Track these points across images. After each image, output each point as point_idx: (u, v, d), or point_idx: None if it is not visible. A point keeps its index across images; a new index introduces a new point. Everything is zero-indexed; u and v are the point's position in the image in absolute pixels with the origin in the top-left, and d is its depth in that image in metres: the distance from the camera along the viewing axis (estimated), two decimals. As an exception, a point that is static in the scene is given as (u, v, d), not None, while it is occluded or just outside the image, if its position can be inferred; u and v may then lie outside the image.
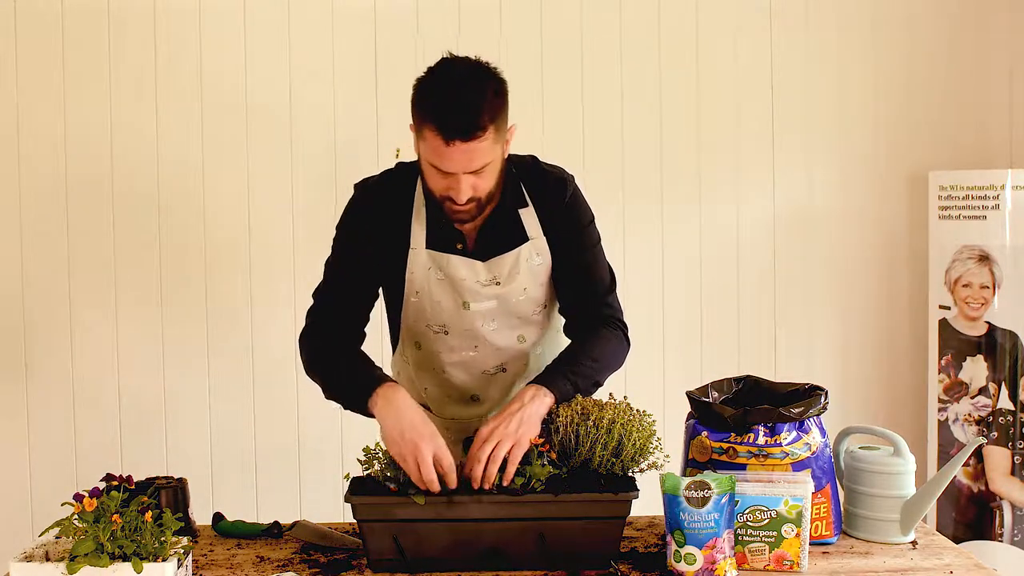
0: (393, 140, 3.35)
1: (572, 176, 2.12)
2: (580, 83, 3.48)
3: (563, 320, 2.19)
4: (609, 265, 2.16)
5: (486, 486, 1.81)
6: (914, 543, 1.95)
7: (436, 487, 1.79)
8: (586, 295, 2.12)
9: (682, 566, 1.73)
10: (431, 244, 2.03)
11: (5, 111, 3.35)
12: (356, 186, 2.11)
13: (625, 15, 3.49)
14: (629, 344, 2.14)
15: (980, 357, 3.31)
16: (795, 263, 3.57)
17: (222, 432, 3.45)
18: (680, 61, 3.50)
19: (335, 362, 2.02)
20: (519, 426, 1.85)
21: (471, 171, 1.86)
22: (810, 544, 1.85)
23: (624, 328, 2.14)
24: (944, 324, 3.41)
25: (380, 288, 2.14)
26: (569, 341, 2.16)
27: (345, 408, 2.00)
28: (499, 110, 1.87)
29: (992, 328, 3.29)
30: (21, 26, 3.35)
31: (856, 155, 3.57)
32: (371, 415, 1.92)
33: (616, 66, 3.49)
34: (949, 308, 3.39)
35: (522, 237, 2.05)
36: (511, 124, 1.95)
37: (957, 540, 3.23)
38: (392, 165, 2.15)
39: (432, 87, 1.88)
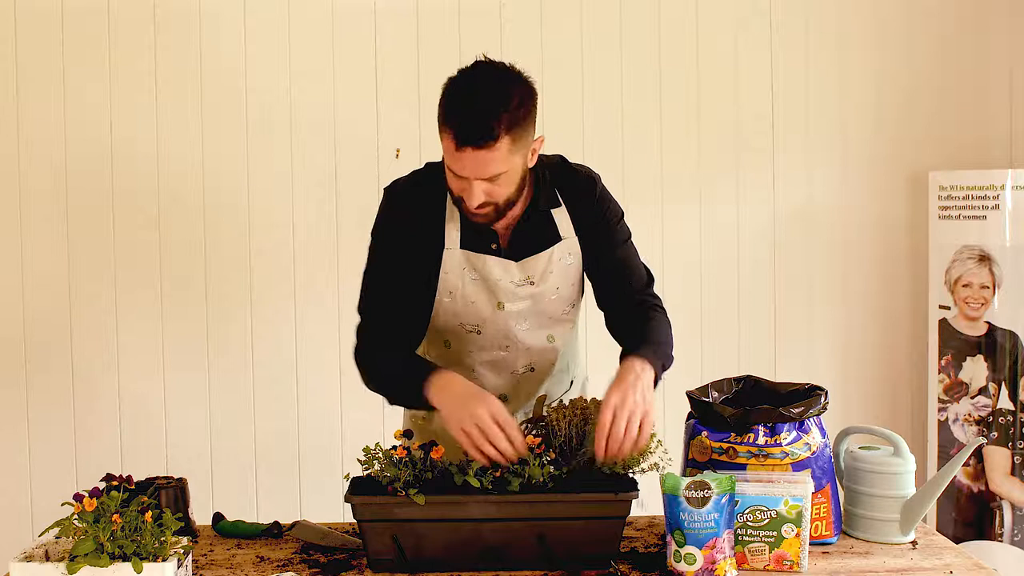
0: (393, 140, 3.38)
1: (599, 175, 2.13)
2: (580, 83, 3.48)
3: (582, 320, 2.21)
4: (643, 262, 2.16)
5: (619, 458, 1.81)
6: (914, 543, 1.95)
7: (509, 452, 1.80)
8: (625, 290, 2.12)
9: (682, 566, 1.73)
10: (465, 244, 2.02)
11: (5, 111, 3.35)
12: (386, 190, 2.10)
13: (625, 15, 3.49)
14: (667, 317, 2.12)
15: (980, 357, 3.31)
16: (795, 263, 3.57)
17: (222, 432, 3.45)
18: (680, 61, 3.50)
19: (389, 369, 2.01)
20: (644, 395, 1.84)
21: (484, 178, 1.86)
22: (810, 544, 1.85)
23: (665, 312, 2.12)
24: (944, 324, 3.41)
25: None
26: (582, 338, 2.20)
27: (409, 408, 2.02)
28: (520, 121, 1.85)
29: (992, 328, 3.29)
30: (21, 26, 3.35)
31: (856, 155, 3.57)
32: (432, 407, 1.91)
33: (616, 66, 3.49)
34: (949, 308, 3.39)
35: (555, 237, 2.05)
36: (539, 135, 1.94)
37: (957, 540, 3.23)
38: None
39: (453, 90, 1.87)
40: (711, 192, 3.54)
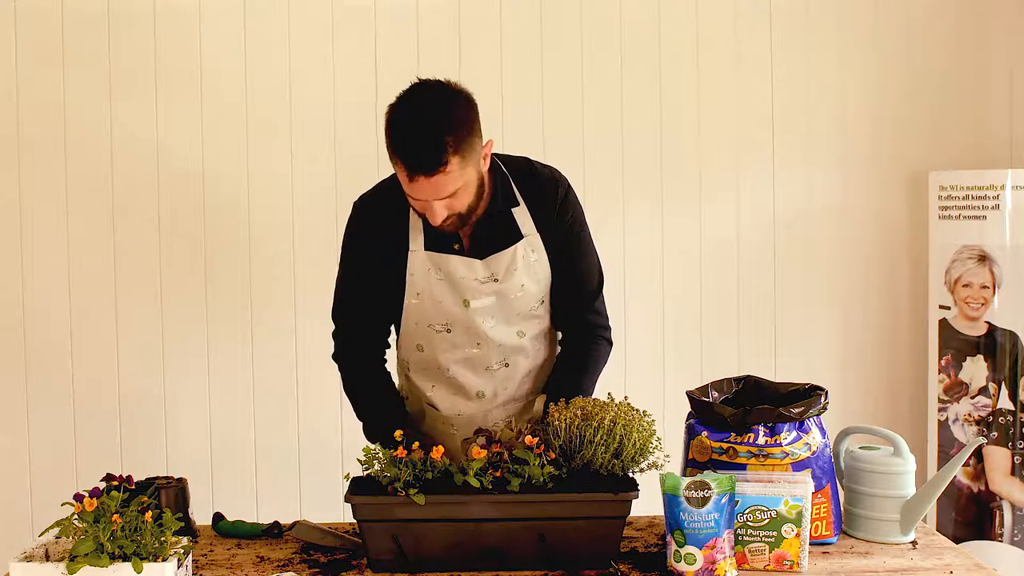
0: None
1: (565, 177, 2.17)
2: (580, 82, 3.48)
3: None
4: (599, 266, 2.23)
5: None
6: (914, 543, 1.95)
7: None
8: (575, 299, 2.20)
9: (682, 566, 1.73)
10: (429, 246, 2.08)
11: (5, 111, 3.35)
12: (354, 204, 2.18)
13: (625, 15, 3.49)
14: (611, 344, 2.26)
15: (980, 357, 3.31)
16: (795, 263, 3.57)
17: (222, 432, 3.44)
18: (680, 60, 3.50)
19: (366, 400, 2.21)
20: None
21: (441, 198, 1.92)
22: (810, 544, 1.85)
23: (608, 336, 2.25)
24: (944, 324, 3.41)
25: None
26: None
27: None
28: (464, 139, 1.89)
29: (992, 328, 3.29)
30: (21, 26, 3.35)
31: (856, 155, 3.57)
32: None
33: (616, 66, 3.49)
34: (949, 308, 3.38)
35: (516, 235, 2.09)
36: (487, 140, 1.99)
37: (957, 540, 3.23)
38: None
39: (396, 122, 1.92)
40: (711, 192, 3.54)
